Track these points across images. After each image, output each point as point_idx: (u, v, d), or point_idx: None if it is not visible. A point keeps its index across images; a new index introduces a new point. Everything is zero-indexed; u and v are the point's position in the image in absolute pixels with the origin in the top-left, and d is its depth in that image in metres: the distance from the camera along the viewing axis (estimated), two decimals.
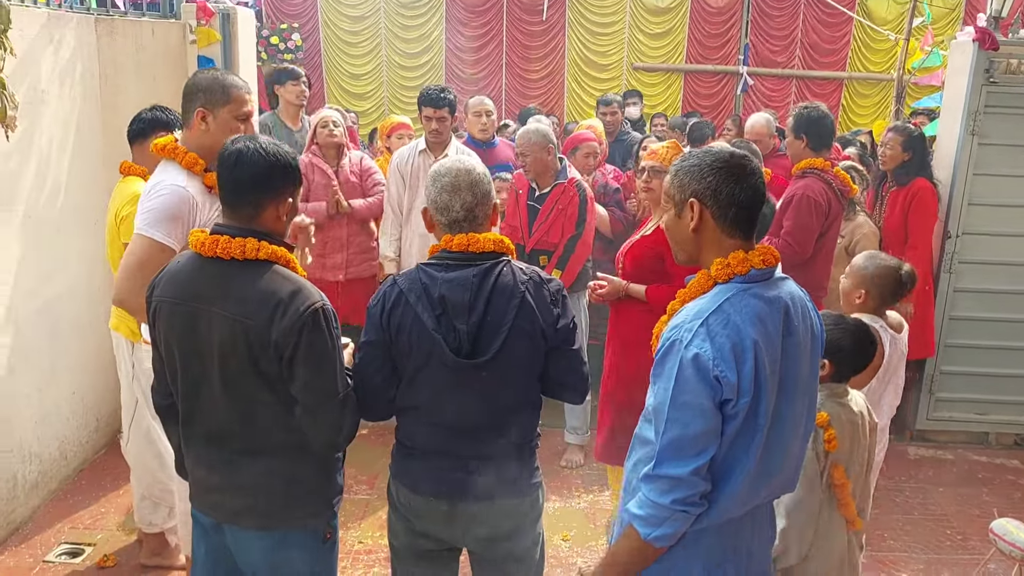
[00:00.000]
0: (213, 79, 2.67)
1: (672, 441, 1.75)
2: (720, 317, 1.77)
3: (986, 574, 3.70)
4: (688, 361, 1.73)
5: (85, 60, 4.23)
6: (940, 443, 5.16)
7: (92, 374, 4.37)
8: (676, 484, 1.75)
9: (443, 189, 2.16)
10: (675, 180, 1.90)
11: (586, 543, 3.82)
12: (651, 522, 1.78)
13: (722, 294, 1.81)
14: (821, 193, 3.98)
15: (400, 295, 2.12)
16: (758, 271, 1.83)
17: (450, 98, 4.58)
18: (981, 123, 4.79)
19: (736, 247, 1.86)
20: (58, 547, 3.66)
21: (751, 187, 1.84)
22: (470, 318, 2.08)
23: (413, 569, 2.30)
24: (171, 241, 2.54)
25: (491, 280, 2.10)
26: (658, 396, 1.79)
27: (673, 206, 1.91)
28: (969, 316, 5.01)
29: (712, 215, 1.85)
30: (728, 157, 1.85)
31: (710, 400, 1.74)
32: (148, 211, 2.57)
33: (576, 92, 11.83)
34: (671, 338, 1.78)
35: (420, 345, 2.09)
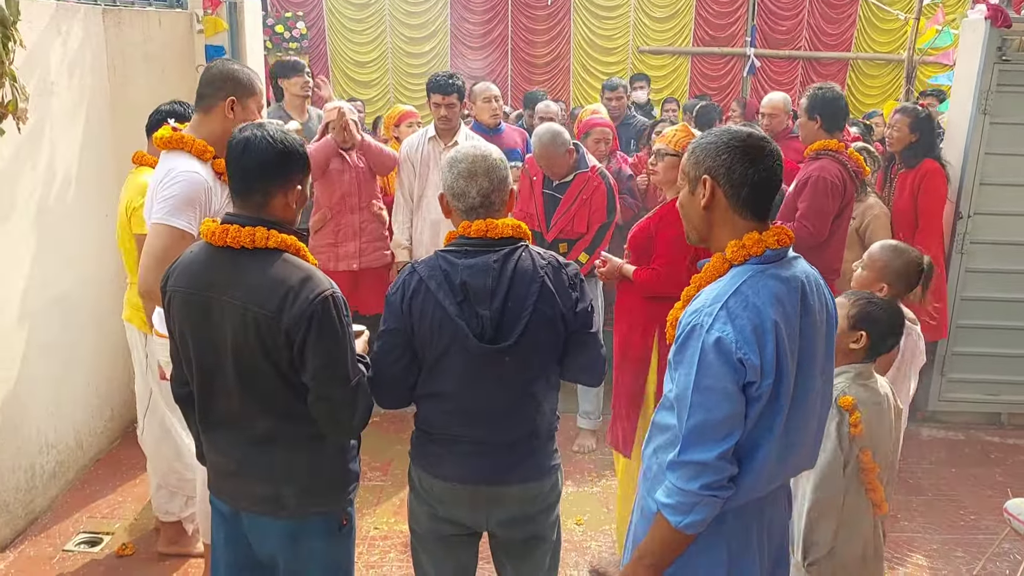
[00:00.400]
0: (241, 71, 2.77)
1: (697, 426, 1.74)
2: (739, 299, 1.75)
3: (1000, 554, 3.70)
4: (710, 345, 1.72)
5: (93, 51, 4.23)
6: (952, 424, 5.16)
7: (106, 365, 4.40)
8: (703, 469, 1.74)
9: (460, 175, 2.16)
10: (691, 157, 1.89)
11: (600, 527, 3.83)
12: (680, 509, 1.77)
13: (739, 276, 1.79)
14: (837, 175, 3.95)
15: (420, 282, 2.11)
16: (773, 252, 1.82)
17: (459, 84, 4.57)
18: (993, 102, 4.75)
19: (749, 228, 1.84)
20: (77, 536, 3.70)
21: (766, 168, 1.81)
22: (492, 304, 2.09)
23: (435, 554, 2.32)
24: (192, 228, 2.57)
25: (511, 265, 2.11)
26: (680, 382, 1.78)
27: (687, 183, 1.90)
28: (981, 296, 4.99)
29: (724, 193, 1.83)
30: (746, 137, 1.84)
31: (734, 383, 1.72)
32: (166, 199, 2.58)
33: (582, 76, 11.78)
34: (691, 323, 1.77)
35: (442, 332, 2.09)
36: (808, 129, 4.15)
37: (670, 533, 1.80)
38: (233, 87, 2.72)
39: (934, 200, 4.62)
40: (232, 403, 2.05)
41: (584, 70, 11.77)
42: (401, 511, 3.93)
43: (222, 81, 2.72)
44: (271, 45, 10.46)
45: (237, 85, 2.73)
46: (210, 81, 2.74)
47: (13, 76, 3.30)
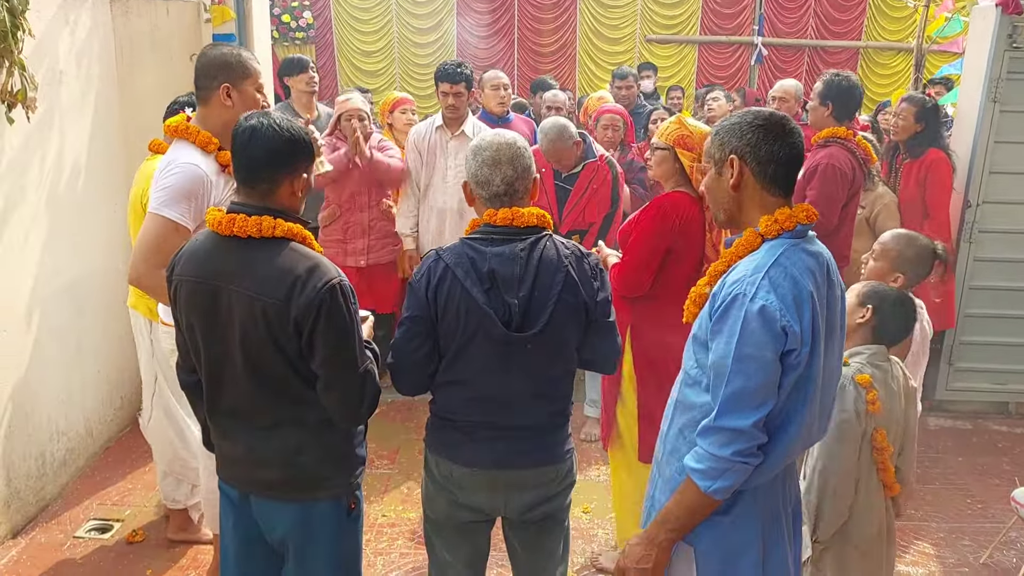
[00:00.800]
0: (230, 54, 2.68)
1: (734, 393, 1.77)
2: (779, 270, 1.79)
3: (1007, 542, 3.71)
4: (754, 313, 1.75)
5: (101, 40, 4.23)
6: (959, 413, 5.16)
7: (115, 353, 4.42)
8: (737, 436, 1.77)
9: (484, 163, 2.17)
10: (716, 139, 1.93)
11: (606, 515, 3.85)
12: (710, 475, 1.80)
13: (776, 248, 1.84)
14: (846, 162, 3.94)
15: (446, 269, 2.11)
16: (803, 227, 1.88)
17: (467, 73, 4.57)
18: (1003, 90, 4.73)
19: (778, 204, 1.89)
20: (87, 523, 3.73)
21: (790, 145, 1.87)
22: (519, 292, 2.10)
23: (451, 540, 2.34)
24: (185, 220, 2.56)
25: (537, 254, 2.13)
26: (719, 351, 1.81)
27: (713, 165, 1.94)
28: (989, 286, 4.98)
29: (752, 172, 1.88)
30: (768, 115, 1.89)
31: (773, 352, 1.76)
32: (162, 190, 2.58)
33: (588, 66, 11.75)
34: (733, 293, 1.80)
35: (468, 320, 2.10)
36: (819, 114, 4.13)
37: (697, 498, 1.83)
38: (225, 73, 2.64)
39: (940, 190, 4.60)
40: (240, 390, 2.06)
41: (590, 59, 11.74)
42: (409, 499, 3.95)
43: (214, 69, 2.64)
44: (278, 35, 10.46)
45: (228, 70, 2.64)
46: (203, 71, 2.68)
47: (22, 65, 3.32)
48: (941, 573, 3.53)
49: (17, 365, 3.60)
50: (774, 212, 1.88)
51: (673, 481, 1.93)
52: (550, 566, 2.40)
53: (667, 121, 3.24)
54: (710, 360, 1.84)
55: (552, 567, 2.41)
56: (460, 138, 4.60)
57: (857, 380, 2.31)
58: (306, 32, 10.95)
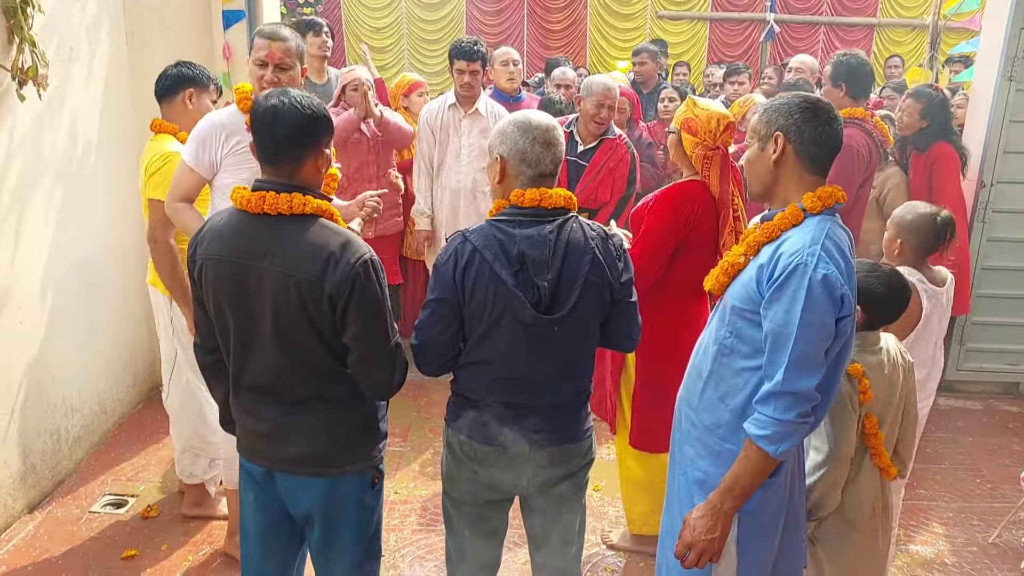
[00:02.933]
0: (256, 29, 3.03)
1: (799, 358, 1.88)
2: (831, 243, 1.93)
3: (1016, 522, 3.72)
4: (818, 282, 1.86)
5: (111, 17, 4.22)
6: (970, 393, 5.16)
7: (128, 330, 4.45)
8: (800, 399, 1.89)
9: (536, 141, 2.15)
10: (763, 116, 2.06)
11: (616, 493, 3.86)
12: (775, 439, 1.91)
13: (824, 223, 1.96)
14: (863, 144, 3.91)
15: (474, 252, 2.11)
16: (839, 205, 2.02)
17: (482, 51, 4.54)
18: (1019, 69, 4.67)
19: (815, 183, 2.02)
20: (103, 498, 3.77)
21: (833, 130, 2.00)
22: (548, 274, 2.11)
23: (471, 518, 2.36)
24: (193, 162, 2.92)
25: (565, 236, 2.13)
26: (778, 319, 1.91)
27: (757, 140, 2.07)
28: (1001, 266, 4.95)
29: (794, 150, 2.00)
30: (816, 100, 2.03)
31: (832, 318, 1.89)
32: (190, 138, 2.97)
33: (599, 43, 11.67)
34: (793, 263, 1.89)
35: (496, 302, 2.10)
36: (833, 97, 4.09)
37: (764, 462, 1.95)
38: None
39: (945, 185, 4.52)
40: (269, 367, 2.08)
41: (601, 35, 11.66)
42: (421, 476, 3.98)
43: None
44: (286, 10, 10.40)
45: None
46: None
47: (32, 42, 3.31)
48: (950, 552, 3.55)
49: (31, 342, 3.63)
50: (813, 190, 2.00)
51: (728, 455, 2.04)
52: (567, 541, 2.43)
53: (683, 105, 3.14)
54: (768, 328, 1.93)
55: (569, 543, 2.43)
56: (474, 116, 4.58)
57: (848, 371, 2.31)
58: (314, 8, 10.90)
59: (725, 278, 2.11)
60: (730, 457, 2.04)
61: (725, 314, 2.08)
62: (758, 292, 1.96)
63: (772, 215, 2.04)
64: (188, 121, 3.30)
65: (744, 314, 2.01)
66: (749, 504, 2.03)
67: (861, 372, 2.34)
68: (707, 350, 2.15)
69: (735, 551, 2.08)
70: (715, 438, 2.10)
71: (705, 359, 2.15)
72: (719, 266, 2.13)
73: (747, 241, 2.08)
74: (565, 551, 2.42)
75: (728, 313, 2.07)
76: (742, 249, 2.08)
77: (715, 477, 2.07)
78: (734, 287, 2.08)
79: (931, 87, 4.74)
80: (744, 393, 2.03)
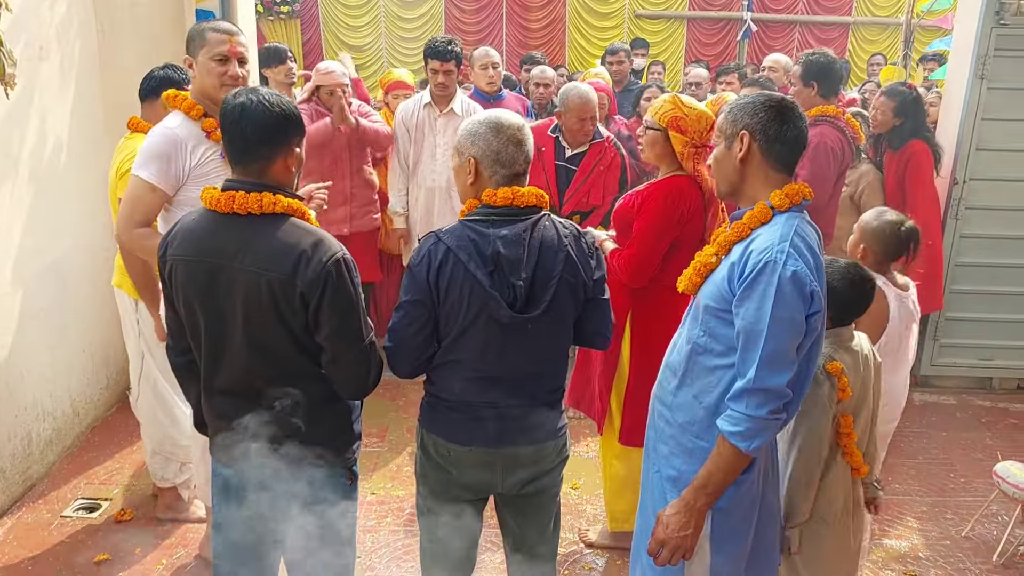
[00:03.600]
0: (195, 27, 2.82)
1: (770, 355, 1.89)
2: (799, 240, 1.94)
3: (989, 515, 3.76)
4: (787, 279, 1.88)
5: (81, 16, 4.17)
6: (944, 388, 5.21)
7: (101, 332, 4.40)
8: (772, 395, 1.90)
9: (509, 141, 2.15)
10: (729, 116, 2.07)
11: (594, 491, 3.87)
12: (748, 435, 1.92)
13: (792, 220, 1.98)
14: (836, 141, 3.94)
15: (448, 252, 2.10)
16: (806, 201, 2.03)
17: (457, 50, 4.51)
18: (990, 67, 4.72)
19: (781, 181, 2.04)
20: (75, 502, 3.72)
21: (797, 128, 2.02)
22: (523, 273, 2.10)
23: (445, 519, 2.35)
24: (157, 180, 2.70)
25: (538, 235, 2.13)
26: (749, 316, 1.91)
27: (724, 139, 2.08)
28: (975, 263, 5.01)
29: (760, 148, 2.02)
30: (780, 99, 2.06)
31: (802, 314, 1.90)
32: (139, 153, 2.75)
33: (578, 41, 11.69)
34: (763, 260, 1.91)
35: (471, 303, 2.09)
36: (805, 96, 4.12)
37: (736, 459, 1.95)
38: (188, 48, 2.80)
39: (918, 183, 4.55)
40: (241, 368, 2.06)
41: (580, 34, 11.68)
42: (398, 477, 3.97)
43: (185, 46, 2.82)
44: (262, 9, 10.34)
45: (188, 44, 2.80)
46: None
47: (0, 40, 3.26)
48: (924, 546, 3.58)
49: (1, 345, 3.57)
50: (780, 188, 2.02)
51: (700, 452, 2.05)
52: (542, 541, 2.42)
53: (660, 99, 3.09)
54: (739, 325, 1.94)
55: (544, 542, 2.43)
56: (449, 115, 4.56)
57: (828, 369, 2.31)
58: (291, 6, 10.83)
59: (698, 278, 2.12)
60: (703, 455, 2.05)
61: (698, 313, 2.09)
62: (730, 291, 1.97)
63: (741, 214, 2.05)
64: None
65: (717, 313, 2.02)
66: (722, 501, 2.04)
67: (840, 370, 2.34)
68: (680, 349, 2.16)
69: (708, 548, 2.09)
70: (689, 436, 2.11)
71: (679, 358, 2.16)
72: (691, 266, 2.13)
73: (718, 241, 2.09)
74: (540, 550, 2.42)
75: (701, 312, 2.07)
76: (713, 249, 2.09)
77: (688, 475, 2.08)
78: (707, 286, 2.08)
79: (904, 85, 4.78)
80: (718, 391, 2.04)
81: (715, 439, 2.02)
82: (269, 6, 10.65)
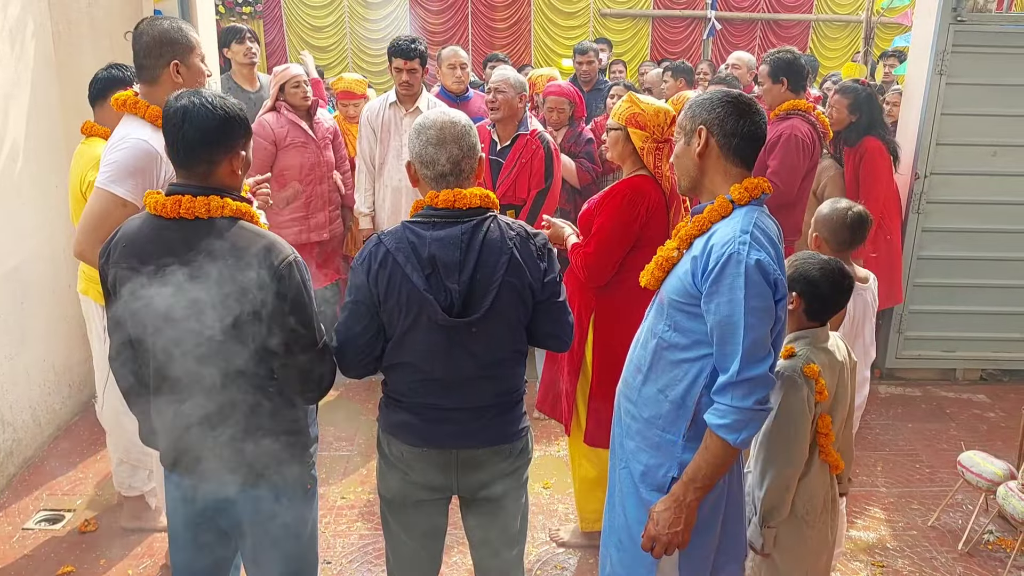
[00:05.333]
0: (172, 26, 2.67)
1: (751, 344, 1.89)
2: (759, 231, 1.95)
3: (953, 505, 3.82)
4: (753, 267, 1.88)
5: (36, 18, 4.08)
6: (909, 380, 5.29)
7: (62, 340, 4.31)
8: (757, 384, 1.90)
9: (428, 142, 2.13)
10: (688, 112, 2.09)
11: (566, 490, 3.87)
12: (736, 427, 1.91)
13: (751, 213, 1.99)
14: (807, 134, 3.98)
15: (387, 254, 2.08)
16: (765, 195, 2.04)
17: (421, 49, 4.49)
18: (949, 62, 4.80)
19: (740, 175, 2.05)
20: (37, 514, 3.64)
21: (754, 123, 2.03)
22: (460, 277, 2.07)
23: (405, 519, 2.33)
24: (132, 196, 2.55)
25: (480, 237, 2.09)
26: (722, 310, 1.91)
27: (683, 135, 2.10)
28: (937, 255, 5.08)
29: (717, 143, 2.03)
30: (737, 95, 2.06)
31: (771, 301, 1.91)
32: (110, 164, 2.58)
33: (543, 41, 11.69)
34: (726, 253, 1.91)
35: (409, 305, 2.07)
36: (775, 92, 4.16)
37: (724, 452, 1.95)
38: (172, 50, 2.63)
39: (873, 179, 4.59)
40: (191, 375, 2.00)
41: (545, 33, 11.68)
42: (367, 480, 3.93)
43: (160, 46, 2.63)
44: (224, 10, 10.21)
45: (175, 46, 2.63)
46: (147, 50, 2.64)
47: None
48: (891, 537, 3.62)
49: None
50: (740, 182, 2.02)
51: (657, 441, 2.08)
52: (507, 543, 2.40)
53: (620, 100, 3.13)
54: (712, 321, 1.94)
55: (509, 544, 2.41)
56: (415, 115, 4.53)
57: (806, 373, 2.32)
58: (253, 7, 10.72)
59: (660, 273, 2.12)
60: (670, 448, 2.05)
61: (663, 308, 2.09)
62: (694, 285, 1.97)
63: (702, 208, 2.06)
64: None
65: (681, 307, 2.02)
66: None
67: (817, 372, 2.33)
68: (645, 344, 2.16)
69: None
70: (655, 430, 2.11)
71: (644, 353, 2.16)
72: (653, 261, 2.13)
73: (679, 235, 2.09)
74: (505, 553, 2.40)
75: (666, 307, 2.07)
76: (675, 243, 2.10)
77: (656, 469, 2.09)
78: (669, 281, 2.09)
79: (858, 82, 4.84)
80: (683, 384, 2.04)
81: (681, 432, 2.04)
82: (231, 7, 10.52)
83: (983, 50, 4.79)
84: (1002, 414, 4.84)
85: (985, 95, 4.85)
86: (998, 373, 5.33)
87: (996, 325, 5.15)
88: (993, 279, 5.11)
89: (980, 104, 4.86)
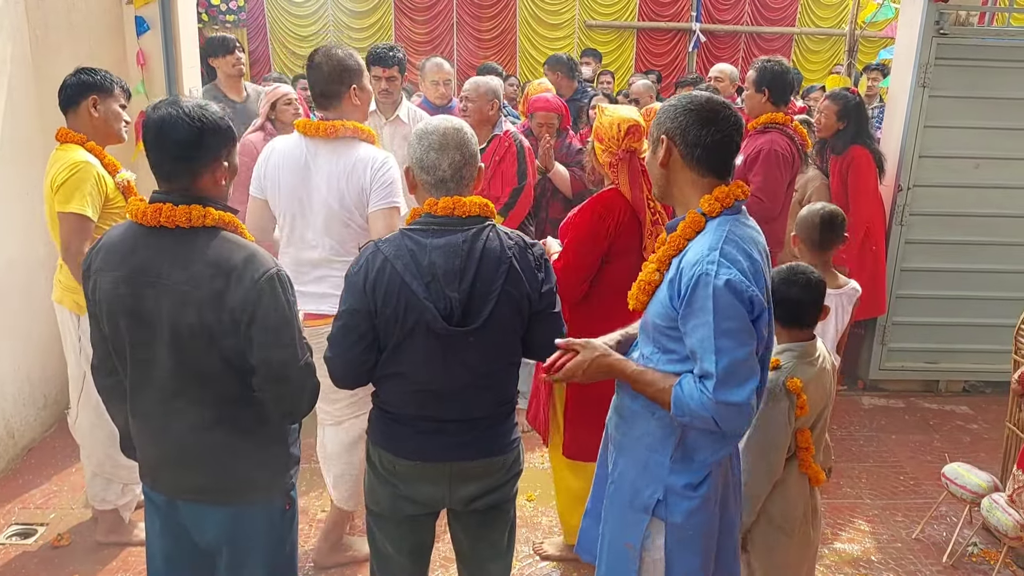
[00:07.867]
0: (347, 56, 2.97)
1: (727, 367, 1.81)
2: (731, 245, 1.86)
3: (938, 516, 3.80)
4: (722, 288, 1.80)
5: (12, 20, 4.02)
6: (892, 392, 5.29)
7: (37, 350, 4.23)
8: (730, 413, 1.82)
9: (430, 147, 2.10)
10: (656, 120, 2.02)
11: (550, 503, 3.83)
12: (683, 415, 1.88)
13: (723, 225, 1.91)
14: (786, 148, 3.97)
15: (385, 262, 2.04)
16: (740, 203, 1.96)
17: (399, 56, 4.45)
18: (932, 75, 4.82)
19: (711, 185, 1.95)
20: (9, 528, 3.56)
21: (720, 131, 1.92)
22: (460, 285, 2.04)
23: (393, 533, 2.28)
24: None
25: (480, 245, 2.07)
26: (697, 334, 1.84)
27: (652, 144, 2.03)
28: (920, 267, 5.10)
29: (680, 153, 1.95)
30: (704, 101, 1.95)
31: (747, 320, 1.83)
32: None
33: (528, 51, 11.71)
34: (695, 274, 1.84)
35: (408, 314, 2.03)
36: (755, 102, 4.14)
37: (660, 398, 1.92)
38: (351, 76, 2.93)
39: (860, 188, 4.63)
40: (169, 390, 1.95)
41: (531, 44, 11.70)
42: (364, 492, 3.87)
43: (349, 71, 2.94)
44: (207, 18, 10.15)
45: (351, 72, 2.94)
46: (338, 76, 2.93)
47: None
48: (876, 549, 3.60)
49: None
50: (709, 191, 1.94)
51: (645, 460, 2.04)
52: (495, 557, 2.37)
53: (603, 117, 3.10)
54: (690, 344, 1.87)
55: (497, 558, 2.38)
56: (395, 123, 4.50)
57: (789, 388, 2.30)
58: (237, 15, 10.66)
59: (644, 296, 2.04)
60: (657, 468, 2.01)
61: (648, 331, 2.04)
62: (672, 308, 1.91)
63: (675, 224, 1.99)
64: (95, 130, 3.15)
65: (664, 331, 1.96)
66: (675, 517, 2.00)
67: (800, 388, 2.32)
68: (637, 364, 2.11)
69: (663, 563, 2.04)
70: (642, 448, 2.06)
71: None
72: (637, 284, 2.06)
73: (658, 256, 2.03)
74: (493, 567, 2.37)
75: (651, 331, 2.02)
76: (654, 265, 2.02)
77: (644, 489, 2.04)
78: (652, 304, 2.02)
79: (848, 90, 4.85)
80: None
81: (669, 452, 1.99)
82: (214, 15, 10.46)
83: (965, 63, 4.82)
84: (985, 425, 4.85)
85: (967, 108, 4.88)
86: (980, 385, 5.35)
87: (979, 337, 5.15)
88: (976, 291, 5.12)
89: (963, 117, 4.89)
